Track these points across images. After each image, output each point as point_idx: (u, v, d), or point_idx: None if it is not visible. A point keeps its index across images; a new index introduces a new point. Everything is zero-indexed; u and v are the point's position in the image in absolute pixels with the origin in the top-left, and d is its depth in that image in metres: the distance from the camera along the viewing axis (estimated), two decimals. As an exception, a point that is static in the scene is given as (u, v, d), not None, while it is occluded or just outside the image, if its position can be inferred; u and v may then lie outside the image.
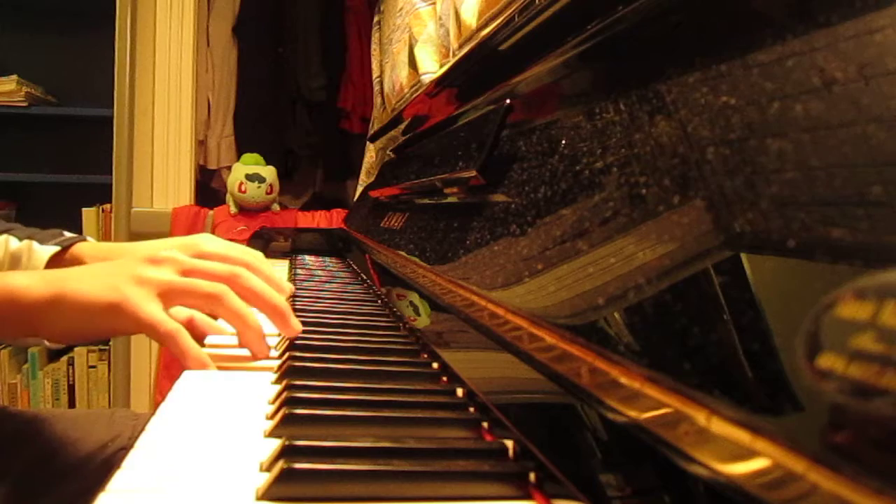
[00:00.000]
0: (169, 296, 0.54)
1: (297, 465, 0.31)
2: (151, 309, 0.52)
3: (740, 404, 0.24)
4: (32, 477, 0.62)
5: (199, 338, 0.62)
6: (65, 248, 0.69)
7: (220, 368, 0.54)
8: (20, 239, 0.71)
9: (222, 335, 0.63)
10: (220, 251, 0.61)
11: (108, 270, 0.55)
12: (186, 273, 0.56)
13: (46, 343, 0.64)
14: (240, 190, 2.15)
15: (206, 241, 0.63)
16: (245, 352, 0.57)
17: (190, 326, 0.62)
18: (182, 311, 0.64)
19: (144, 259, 0.56)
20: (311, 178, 2.81)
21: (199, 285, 0.55)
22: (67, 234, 0.73)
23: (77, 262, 0.68)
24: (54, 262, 0.69)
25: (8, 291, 0.51)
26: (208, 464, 0.34)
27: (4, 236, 0.71)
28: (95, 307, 0.51)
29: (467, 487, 0.33)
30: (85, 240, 0.72)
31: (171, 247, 0.61)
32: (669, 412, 0.26)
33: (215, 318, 0.65)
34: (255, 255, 0.63)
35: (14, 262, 0.69)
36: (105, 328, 0.53)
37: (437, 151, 0.92)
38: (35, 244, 0.69)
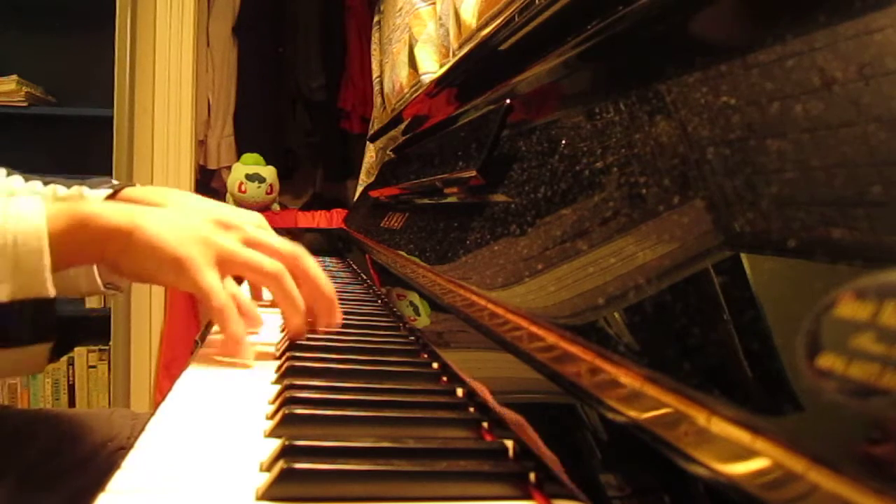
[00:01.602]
0: (229, 264, 0.56)
1: (297, 465, 0.31)
2: (211, 277, 0.53)
3: (740, 404, 0.24)
4: (32, 476, 0.62)
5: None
6: (115, 192, 0.69)
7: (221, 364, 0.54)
8: (68, 187, 0.70)
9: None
10: (276, 237, 0.62)
11: (180, 222, 0.56)
12: (250, 244, 0.57)
13: (102, 288, 0.64)
14: (240, 190, 2.15)
15: (264, 221, 0.64)
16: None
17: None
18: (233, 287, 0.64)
19: (215, 221, 0.57)
20: (311, 178, 2.81)
21: (261, 261, 0.56)
22: (114, 181, 0.73)
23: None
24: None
25: (84, 215, 0.52)
26: (208, 464, 0.34)
27: (51, 186, 0.70)
28: (163, 254, 0.53)
29: (467, 487, 0.33)
30: (133, 185, 0.71)
31: (237, 216, 0.61)
32: (669, 412, 0.26)
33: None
34: (306, 251, 0.64)
35: None
36: (164, 278, 0.54)
37: (437, 151, 0.92)
38: (86, 189, 0.69)
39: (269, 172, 2.18)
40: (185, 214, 0.58)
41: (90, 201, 0.57)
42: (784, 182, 0.26)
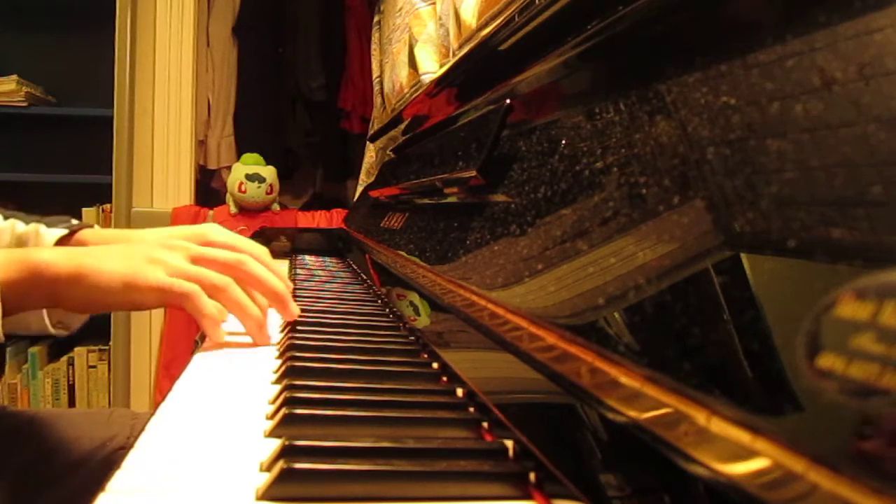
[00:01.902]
0: (179, 277, 0.58)
1: (297, 465, 0.31)
2: (163, 277, 0.57)
3: (740, 404, 0.24)
4: (31, 476, 0.62)
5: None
6: (71, 233, 0.70)
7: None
8: (26, 223, 0.72)
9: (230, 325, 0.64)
10: (227, 241, 0.65)
11: (123, 251, 0.59)
12: (195, 260, 0.60)
13: (51, 330, 0.66)
14: (240, 190, 2.15)
15: (214, 232, 0.66)
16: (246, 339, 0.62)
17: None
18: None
19: (157, 244, 0.60)
20: (311, 178, 2.81)
21: (206, 275, 0.58)
22: (73, 221, 0.74)
23: (82, 246, 0.69)
24: (60, 245, 0.70)
25: (33, 265, 0.55)
26: (208, 464, 0.34)
27: (10, 220, 0.72)
28: (113, 283, 0.55)
29: (467, 487, 0.33)
30: (91, 226, 0.73)
31: (180, 235, 0.64)
32: (669, 412, 0.26)
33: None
34: (260, 248, 0.67)
35: (21, 245, 0.70)
36: (122, 302, 0.57)
37: (437, 151, 0.92)
38: (42, 227, 0.71)
39: (269, 172, 2.18)
40: (128, 245, 0.61)
41: (40, 250, 0.60)
42: (784, 182, 0.26)
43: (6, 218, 0.73)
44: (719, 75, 0.33)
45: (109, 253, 0.58)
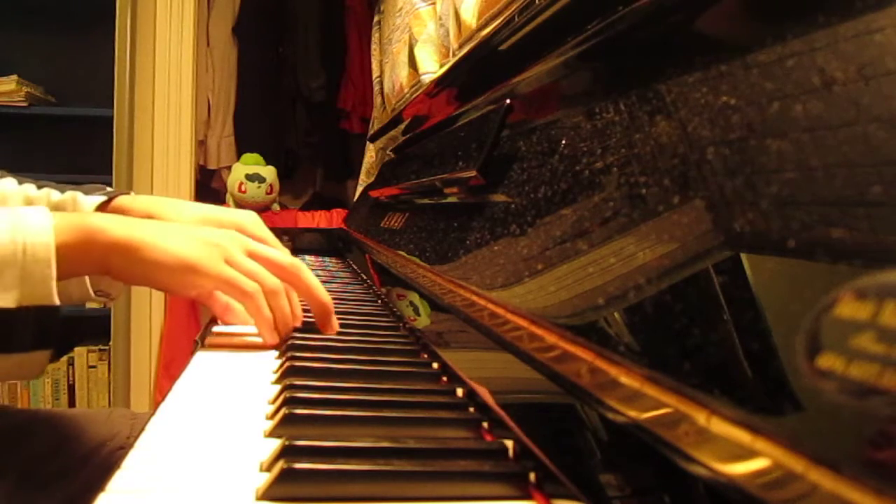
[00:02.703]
0: (233, 265, 0.57)
1: (297, 465, 0.31)
2: (229, 269, 0.56)
3: (740, 404, 0.24)
4: (30, 475, 0.62)
5: (228, 324, 0.65)
6: (109, 199, 0.70)
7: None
8: (62, 192, 0.71)
9: (232, 326, 0.64)
10: (265, 237, 0.65)
11: (181, 231, 0.58)
12: (251, 255, 0.59)
13: (93, 295, 0.65)
14: (240, 190, 2.15)
15: (254, 225, 0.66)
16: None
17: (225, 312, 0.64)
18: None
19: (217, 225, 0.60)
20: (311, 178, 2.81)
21: (263, 276, 0.58)
22: (108, 188, 0.73)
23: (121, 213, 0.68)
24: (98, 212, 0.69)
25: (90, 228, 0.54)
26: (208, 464, 0.34)
27: (45, 190, 0.71)
28: (171, 262, 0.55)
29: (467, 487, 0.33)
30: (127, 193, 0.72)
31: (224, 221, 0.64)
32: (669, 412, 0.26)
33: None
34: (286, 250, 0.67)
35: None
36: (175, 282, 0.56)
37: (437, 151, 0.92)
38: (80, 195, 0.70)
39: (269, 172, 2.18)
40: (184, 225, 0.61)
41: (95, 215, 0.58)
42: (784, 182, 0.26)
43: (39, 188, 0.72)
44: (719, 75, 0.33)
45: (168, 230, 0.57)
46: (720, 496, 0.23)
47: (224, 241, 0.58)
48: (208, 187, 2.50)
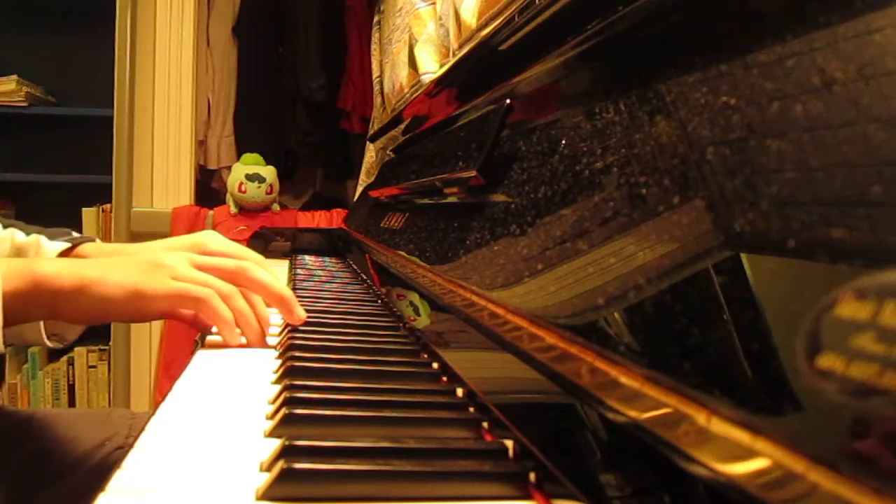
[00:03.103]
0: (184, 280, 0.58)
1: (297, 465, 0.31)
2: (175, 283, 0.57)
3: (740, 404, 0.24)
4: (29, 475, 0.62)
5: (204, 330, 0.65)
6: (73, 246, 0.70)
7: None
8: (27, 234, 0.71)
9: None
10: (226, 249, 0.65)
11: (127, 261, 0.59)
12: (198, 268, 0.59)
13: (48, 343, 0.65)
14: (240, 190, 2.15)
15: (211, 240, 0.66)
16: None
17: (195, 319, 0.64)
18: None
19: (161, 250, 0.61)
20: (311, 178, 2.81)
21: (213, 282, 0.58)
22: (74, 234, 0.74)
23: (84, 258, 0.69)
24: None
25: (36, 276, 0.54)
26: (208, 464, 0.34)
27: (10, 230, 0.71)
28: (119, 292, 0.55)
29: (467, 487, 0.33)
30: (92, 240, 0.73)
31: (179, 245, 0.64)
32: (669, 412, 0.26)
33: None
34: (257, 256, 0.67)
35: (21, 256, 0.69)
36: (128, 311, 0.57)
37: (437, 151, 0.92)
38: (43, 238, 0.71)
39: (269, 172, 2.18)
40: (129, 256, 0.61)
41: (42, 261, 0.59)
42: (784, 182, 0.26)
43: (5, 227, 0.72)
44: (719, 75, 0.33)
45: (113, 264, 0.58)
46: (720, 496, 0.23)
47: (168, 260, 0.58)
48: (208, 187, 2.50)
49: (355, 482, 0.32)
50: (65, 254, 0.70)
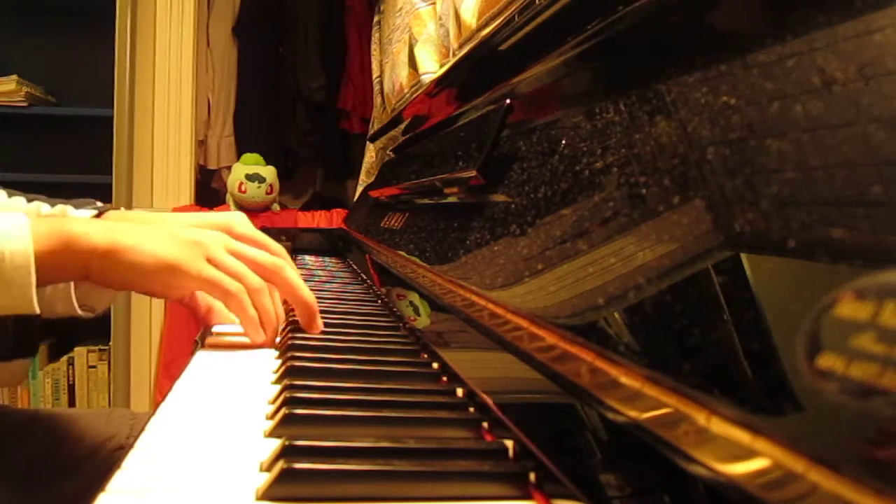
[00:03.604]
0: (214, 264, 0.57)
1: (297, 465, 0.31)
2: (210, 269, 0.55)
3: (740, 404, 0.24)
4: (29, 475, 0.62)
5: (207, 324, 0.64)
6: (99, 214, 0.69)
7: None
8: (52, 206, 0.71)
9: (230, 325, 0.64)
10: (251, 235, 0.64)
11: (161, 233, 0.57)
12: (233, 254, 0.58)
13: (79, 311, 0.65)
14: (240, 190, 2.15)
15: (240, 223, 0.65)
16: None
17: (206, 314, 0.64)
18: (204, 299, 0.66)
19: (199, 225, 0.59)
20: (311, 178, 2.81)
21: (245, 274, 0.57)
22: (98, 203, 0.73)
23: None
24: None
25: (67, 235, 0.53)
26: (208, 464, 0.34)
27: (35, 203, 0.71)
28: (151, 265, 0.54)
29: (467, 487, 0.33)
30: (118, 209, 0.72)
31: (208, 224, 0.63)
32: (669, 412, 0.26)
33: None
34: (280, 248, 0.66)
35: None
36: (158, 284, 0.55)
37: (437, 151, 0.92)
38: (70, 208, 0.70)
39: (269, 172, 2.19)
40: (164, 227, 0.60)
41: (75, 220, 0.57)
42: (784, 182, 0.26)
43: (29, 201, 0.72)
44: (719, 75, 0.33)
45: (148, 232, 0.56)
46: (720, 496, 0.23)
47: (206, 239, 0.57)
48: (208, 187, 2.50)
49: (355, 482, 0.32)
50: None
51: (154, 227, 0.59)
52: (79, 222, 0.55)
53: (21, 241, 0.50)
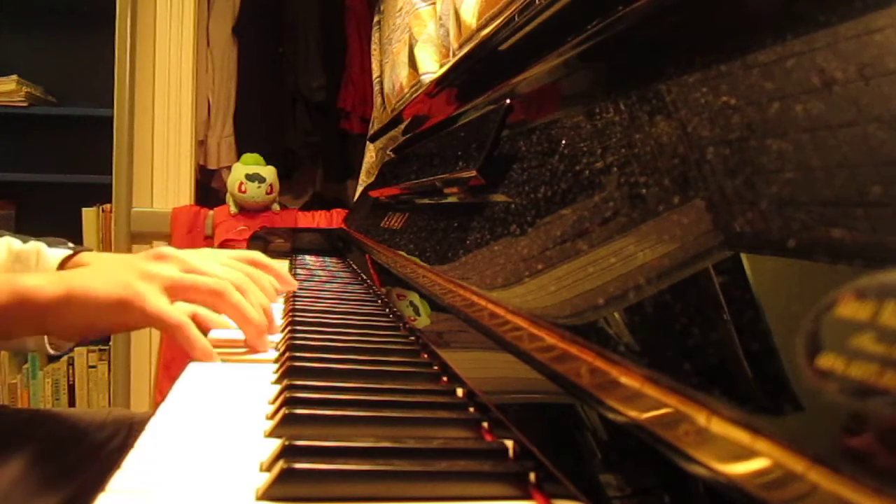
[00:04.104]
0: (174, 290, 0.56)
1: (297, 465, 0.31)
2: (159, 301, 0.54)
3: (740, 404, 0.24)
4: (30, 475, 0.62)
5: (203, 332, 0.64)
6: (73, 254, 0.69)
7: (223, 360, 0.55)
8: (24, 241, 0.71)
9: (225, 329, 0.63)
10: (225, 259, 0.64)
11: (114, 268, 0.57)
12: (190, 271, 0.58)
13: (49, 349, 0.65)
14: (240, 190, 2.15)
15: (209, 255, 0.65)
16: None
17: (195, 321, 0.64)
18: (186, 307, 0.66)
19: (149, 256, 0.59)
20: (311, 178, 2.80)
21: (202, 281, 0.57)
22: (70, 244, 0.73)
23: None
24: (62, 267, 0.69)
25: (20, 291, 0.53)
26: (208, 464, 0.34)
27: (5, 238, 0.71)
28: (104, 303, 0.53)
29: (467, 487, 0.33)
30: (90, 250, 0.72)
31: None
32: (669, 412, 0.26)
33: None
34: (257, 254, 0.66)
35: (21, 263, 0.69)
36: (114, 323, 0.55)
37: (437, 151, 0.92)
38: (43, 247, 0.70)
39: (269, 172, 2.18)
40: (118, 262, 0.59)
41: (27, 276, 0.57)
42: (784, 182, 0.26)
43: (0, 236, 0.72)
44: (719, 75, 0.33)
45: (100, 271, 0.56)
46: (720, 496, 0.23)
47: (158, 268, 0.57)
48: (208, 187, 2.50)
49: (355, 482, 0.32)
50: (66, 260, 0.69)
51: (107, 265, 0.59)
52: (32, 277, 0.55)
53: None
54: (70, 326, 0.55)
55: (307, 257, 1.39)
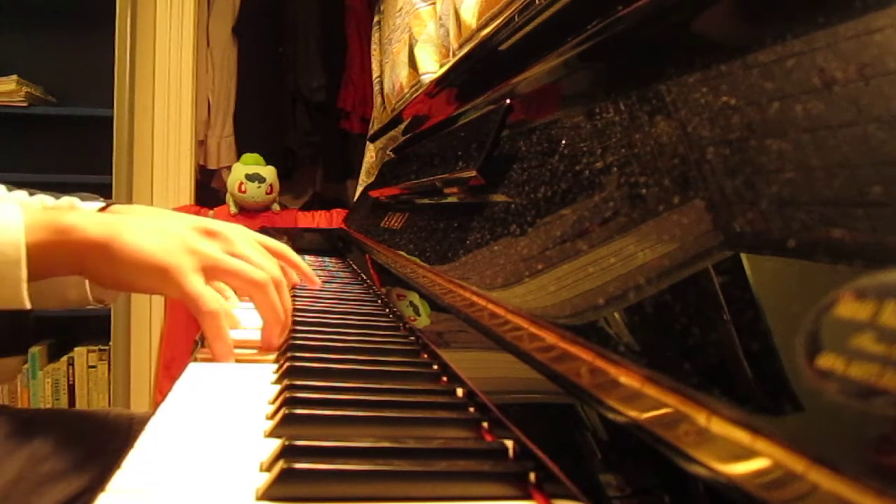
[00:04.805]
0: (214, 271, 0.56)
1: (297, 465, 0.31)
2: (197, 283, 0.53)
3: (740, 404, 0.24)
4: (30, 475, 0.62)
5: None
6: (104, 208, 0.69)
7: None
8: (56, 198, 0.70)
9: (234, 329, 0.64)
10: (257, 246, 0.63)
11: (162, 231, 0.55)
12: (234, 255, 0.57)
13: (90, 299, 0.63)
14: (240, 190, 2.15)
15: (244, 235, 0.64)
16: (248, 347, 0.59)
17: None
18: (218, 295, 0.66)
19: (199, 229, 0.57)
20: (311, 178, 2.81)
21: (245, 270, 0.56)
22: (100, 198, 0.73)
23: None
24: None
25: (63, 226, 0.51)
26: (208, 464, 0.34)
27: (39, 196, 0.70)
28: (144, 264, 0.52)
29: (467, 487, 0.33)
30: (122, 204, 0.71)
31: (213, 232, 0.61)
32: (669, 412, 0.26)
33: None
34: (286, 248, 0.66)
35: None
36: (149, 287, 0.54)
37: (437, 151, 0.92)
38: (77, 201, 0.68)
39: (269, 172, 2.19)
40: (167, 224, 0.57)
41: (70, 213, 0.55)
42: (784, 182, 0.26)
43: (31, 195, 0.71)
44: (719, 75, 0.33)
45: (145, 227, 0.54)
46: (720, 496, 0.23)
47: (204, 245, 0.55)
48: (208, 187, 2.50)
49: (355, 482, 0.32)
50: (100, 211, 0.68)
51: (157, 223, 0.57)
52: (75, 214, 0.53)
53: (11, 232, 0.48)
54: (106, 275, 0.53)
55: (307, 257, 1.39)
